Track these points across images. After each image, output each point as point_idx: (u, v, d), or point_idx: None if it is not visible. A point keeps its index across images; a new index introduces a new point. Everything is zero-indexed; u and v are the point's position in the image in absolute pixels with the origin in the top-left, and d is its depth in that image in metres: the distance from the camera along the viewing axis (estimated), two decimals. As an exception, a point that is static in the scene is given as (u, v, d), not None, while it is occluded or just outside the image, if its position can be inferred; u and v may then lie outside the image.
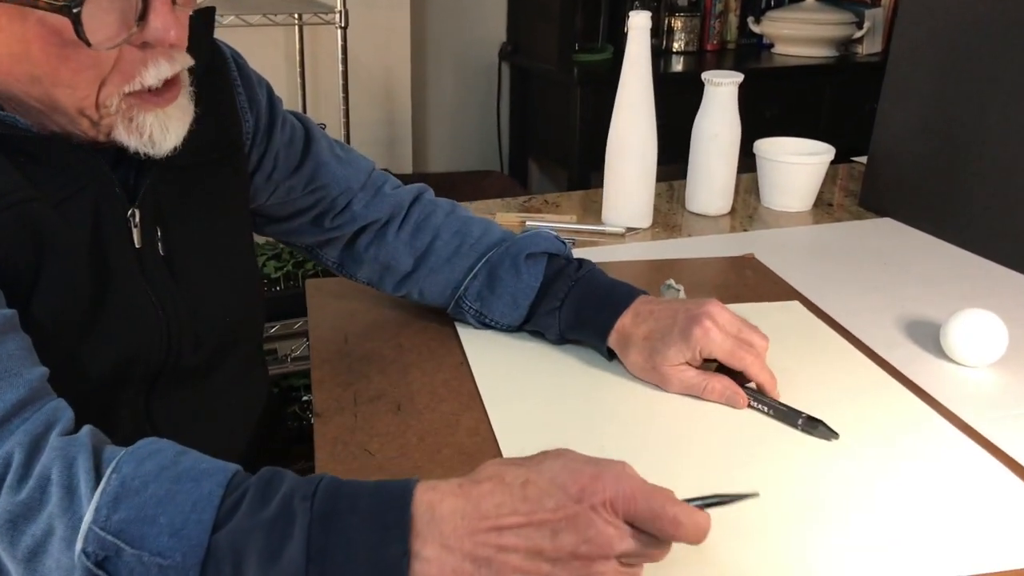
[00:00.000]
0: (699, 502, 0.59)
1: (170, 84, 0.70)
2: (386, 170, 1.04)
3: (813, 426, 0.82)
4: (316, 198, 0.96)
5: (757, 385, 0.86)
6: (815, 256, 1.28)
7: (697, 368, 0.87)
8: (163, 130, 0.70)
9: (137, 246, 0.76)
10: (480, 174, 2.76)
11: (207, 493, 0.55)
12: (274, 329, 1.99)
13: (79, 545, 0.54)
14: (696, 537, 0.56)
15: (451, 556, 0.53)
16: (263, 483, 0.57)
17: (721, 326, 0.85)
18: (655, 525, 0.55)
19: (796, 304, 1.10)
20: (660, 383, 0.88)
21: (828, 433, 0.81)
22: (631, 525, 0.56)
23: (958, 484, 0.76)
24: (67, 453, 0.57)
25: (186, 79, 0.73)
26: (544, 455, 0.58)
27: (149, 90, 0.68)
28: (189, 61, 0.71)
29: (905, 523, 0.71)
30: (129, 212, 0.75)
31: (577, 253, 1.24)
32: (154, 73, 0.67)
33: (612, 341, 0.91)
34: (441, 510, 0.54)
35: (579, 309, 0.93)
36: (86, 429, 0.60)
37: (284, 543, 0.53)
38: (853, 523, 0.71)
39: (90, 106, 0.67)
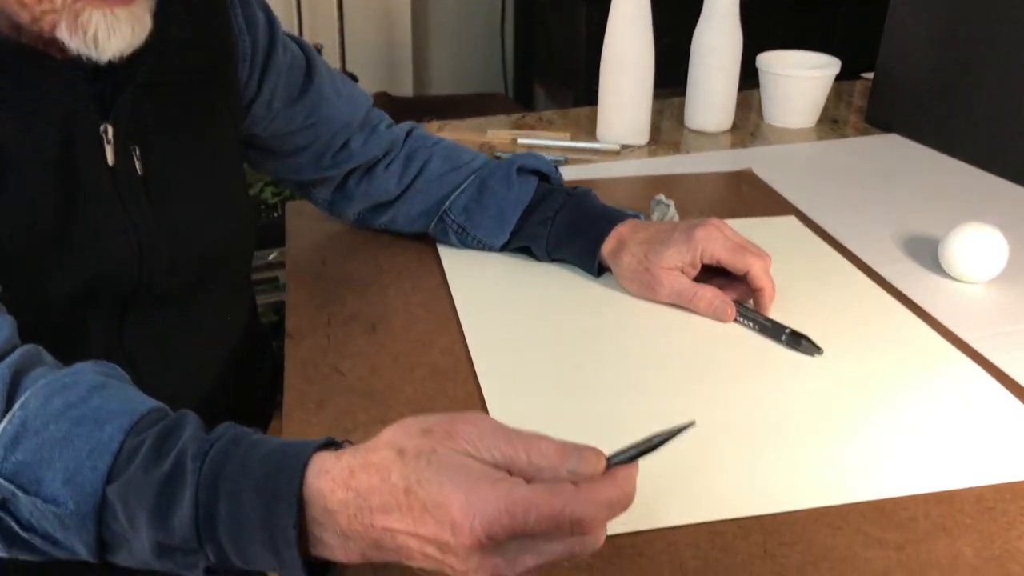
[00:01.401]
0: (629, 454, 0.50)
1: None
2: (385, 93, 1.01)
3: (797, 341, 0.79)
4: (314, 134, 0.93)
5: (756, 291, 0.84)
6: (816, 172, 1.24)
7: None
8: (109, 31, 0.65)
9: (110, 163, 0.73)
10: (483, 97, 2.70)
11: (107, 438, 0.52)
12: (272, 256, 1.97)
13: None
14: (612, 514, 0.49)
15: (354, 544, 0.50)
16: (164, 433, 0.53)
17: (725, 231, 0.84)
18: (558, 533, 0.47)
19: (792, 219, 1.07)
20: (649, 288, 0.86)
21: (812, 348, 0.79)
22: None
23: (950, 400, 0.74)
24: None
25: None
26: (434, 447, 0.49)
27: None
28: None
29: (892, 439, 0.69)
30: (101, 128, 0.72)
31: (570, 171, 1.22)
32: None
33: (606, 249, 0.89)
34: (332, 502, 0.49)
35: (574, 220, 0.91)
36: (17, 353, 0.57)
37: (173, 505, 0.50)
38: (834, 439, 0.69)
39: None
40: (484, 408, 0.72)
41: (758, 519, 0.61)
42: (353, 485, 0.49)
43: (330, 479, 0.50)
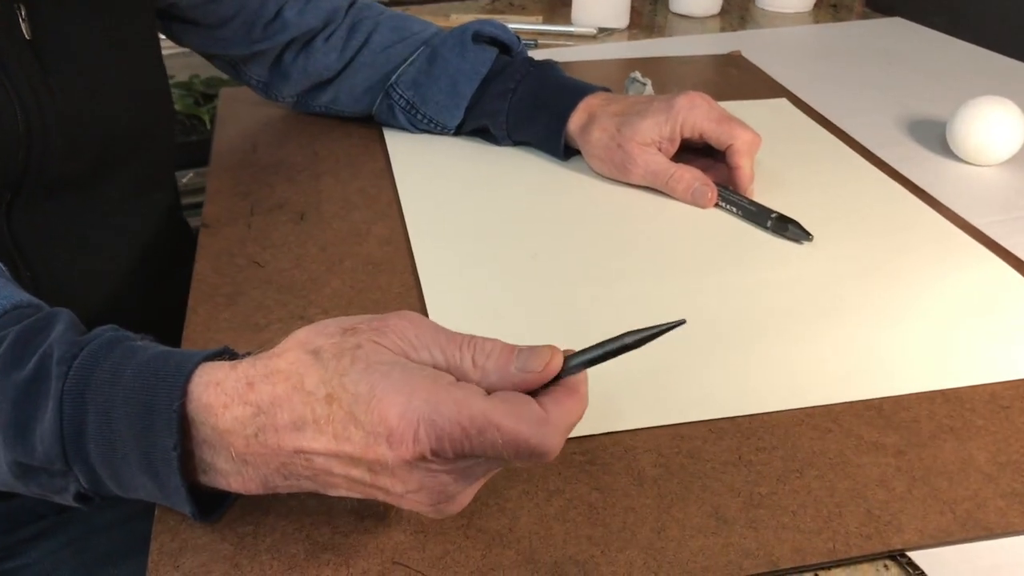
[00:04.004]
0: (595, 353, 0.41)
1: None
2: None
3: (783, 227, 0.69)
4: (241, 2, 0.82)
5: (733, 170, 0.74)
6: (811, 56, 1.13)
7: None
8: None
9: None
10: None
11: None
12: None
13: None
14: (568, 428, 0.40)
15: (254, 470, 0.41)
16: (28, 331, 0.44)
17: (709, 101, 0.75)
18: (505, 453, 0.38)
19: (783, 101, 0.96)
20: (620, 168, 0.76)
21: (800, 234, 0.68)
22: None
23: (958, 288, 0.64)
24: None
25: None
26: (359, 342, 0.40)
27: None
28: None
29: (891, 331, 0.59)
30: None
31: (540, 55, 1.10)
32: None
33: (574, 123, 0.78)
34: (224, 420, 0.40)
35: (537, 92, 0.81)
36: None
37: (34, 417, 0.41)
38: (825, 333, 0.59)
39: None
40: (422, 303, 0.62)
41: (732, 421, 0.52)
42: (252, 399, 0.40)
43: (222, 392, 0.40)
